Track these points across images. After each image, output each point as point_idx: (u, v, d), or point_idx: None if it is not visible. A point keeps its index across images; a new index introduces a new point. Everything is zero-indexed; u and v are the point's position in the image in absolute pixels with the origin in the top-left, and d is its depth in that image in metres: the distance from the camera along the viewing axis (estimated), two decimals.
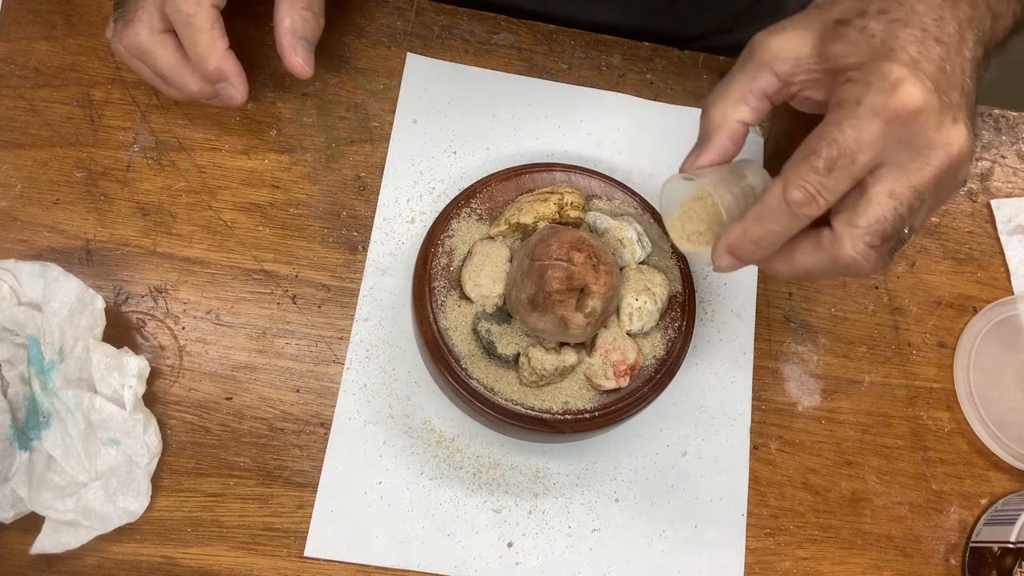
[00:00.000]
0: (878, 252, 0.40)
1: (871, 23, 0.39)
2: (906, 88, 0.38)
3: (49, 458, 0.49)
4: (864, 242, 0.39)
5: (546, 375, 0.49)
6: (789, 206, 0.39)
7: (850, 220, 0.39)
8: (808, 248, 0.41)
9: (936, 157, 0.38)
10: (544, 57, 0.62)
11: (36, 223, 0.54)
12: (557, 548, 0.53)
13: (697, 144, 0.45)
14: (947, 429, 0.59)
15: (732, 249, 0.42)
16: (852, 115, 0.38)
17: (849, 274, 0.41)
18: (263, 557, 0.51)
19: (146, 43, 0.50)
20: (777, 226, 0.40)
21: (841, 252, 0.40)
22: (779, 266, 0.43)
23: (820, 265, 0.41)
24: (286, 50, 0.51)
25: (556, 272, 0.47)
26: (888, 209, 0.39)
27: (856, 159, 0.38)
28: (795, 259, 0.42)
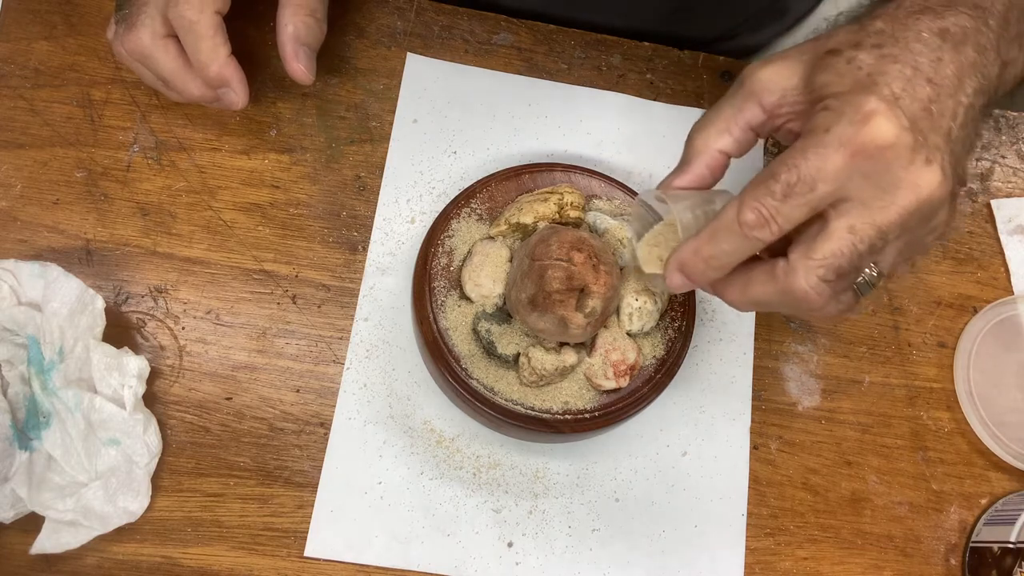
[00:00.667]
0: (832, 288, 0.38)
1: (861, 55, 0.38)
2: (877, 122, 0.36)
3: (49, 458, 0.49)
4: (818, 275, 0.38)
5: (546, 375, 0.49)
6: (741, 227, 0.38)
7: (806, 252, 0.38)
8: (762, 278, 0.40)
9: (903, 197, 0.37)
10: (544, 57, 0.62)
11: (36, 223, 0.54)
12: (557, 548, 0.53)
13: (677, 166, 0.44)
14: (947, 429, 0.59)
15: (682, 266, 0.41)
16: (818, 143, 0.37)
17: (803, 309, 0.40)
18: (263, 557, 0.51)
19: (148, 48, 0.50)
20: (728, 246, 0.39)
21: (794, 283, 0.38)
22: (733, 294, 0.42)
23: (773, 296, 0.40)
24: (288, 56, 0.51)
25: (556, 272, 0.47)
26: (846, 244, 0.37)
27: (815, 188, 0.37)
28: (749, 288, 0.41)
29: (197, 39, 0.49)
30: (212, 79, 0.50)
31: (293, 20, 0.51)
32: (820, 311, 0.40)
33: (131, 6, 0.50)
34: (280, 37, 0.51)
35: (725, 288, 0.42)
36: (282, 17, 0.51)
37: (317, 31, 0.52)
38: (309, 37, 0.52)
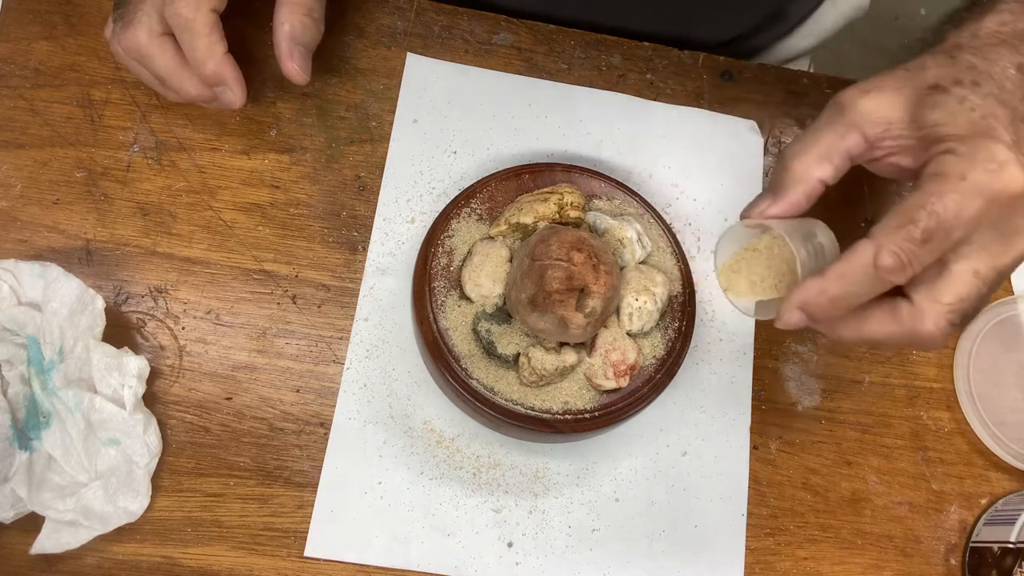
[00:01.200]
0: (957, 330, 0.40)
1: (970, 96, 0.39)
2: (1011, 171, 0.37)
3: (49, 458, 0.49)
4: (947, 319, 0.39)
5: (546, 375, 0.49)
6: (878, 270, 0.38)
7: (933, 296, 0.39)
8: (883, 318, 0.40)
9: (1020, 242, 0.39)
10: (544, 57, 0.62)
11: (36, 223, 0.54)
12: (557, 548, 0.53)
13: (769, 191, 0.43)
14: (947, 429, 0.59)
15: (805, 305, 0.41)
16: (955, 189, 0.37)
17: (921, 348, 0.41)
18: (263, 557, 0.51)
19: (145, 46, 0.50)
20: (859, 289, 0.39)
21: (922, 327, 0.39)
22: (846, 332, 0.42)
23: (894, 336, 0.40)
24: (284, 56, 0.51)
25: (556, 272, 0.47)
26: (973, 287, 0.39)
27: (952, 234, 0.38)
28: (866, 327, 0.41)
29: (193, 37, 0.49)
30: (208, 77, 0.50)
31: (290, 19, 0.51)
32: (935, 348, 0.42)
33: (128, 4, 0.50)
34: (276, 36, 0.51)
35: (839, 325, 0.42)
36: (279, 16, 0.51)
37: (314, 31, 0.52)
38: (305, 36, 0.52)
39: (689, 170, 0.61)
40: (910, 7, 1.75)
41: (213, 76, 0.50)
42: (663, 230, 0.55)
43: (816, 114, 0.57)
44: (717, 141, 0.62)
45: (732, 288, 0.45)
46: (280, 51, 0.51)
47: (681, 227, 0.60)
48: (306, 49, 0.52)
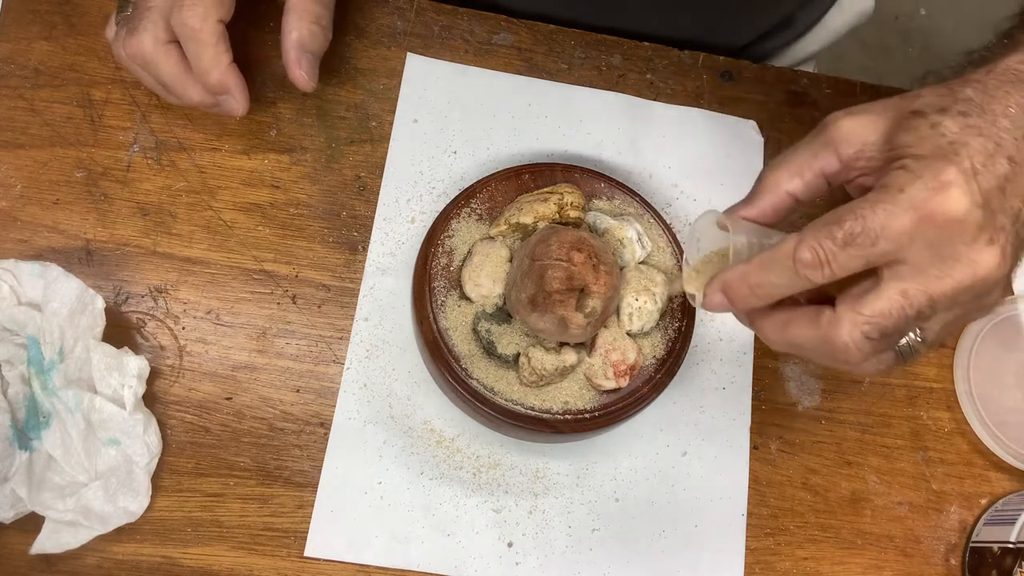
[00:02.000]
0: (873, 347, 0.38)
1: (946, 121, 0.38)
2: (952, 193, 0.36)
3: (49, 458, 0.49)
4: (862, 331, 0.38)
5: (546, 375, 0.49)
6: (795, 263, 0.38)
7: (854, 305, 0.38)
8: (804, 322, 0.40)
9: (959, 271, 0.37)
10: (544, 57, 0.62)
11: (36, 223, 0.54)
12: (557, 548, 0.53)
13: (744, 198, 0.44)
14: (947, 429, 0.59)
15: (727, 287, 0.41)
16: (889, 200, 0.37)
17: (839, 361, 0.40)
18: (263, 557, 0.51)
19: (150, 53, 0.50)
20: (777, 278, 0.39)
21: (836, 334, 0.38)
22: (771, 333, 0.42)
23: (811, 342, 0.40)
24: (291, 63, 0.52)
25: (556, 272, 0.47)
26: (896, 306, 0.37)
27: (876, 243, 0.37)
28: (789, 330, 0.41)
29: (199, 47, 0.49)
30: (213, 86, 0.51)
31: (298, 27, 0.51)
32: (855, 366, 0.40)
33: (134, 9, 0.50)
34: (284, 43, 0.51)
35: (764, 323, 0.42)
36: (287, 23, 0.51)
37: (321, 38, 0.52)
38: (313, 44, 0.52)
39: (689, 170, 0.61)
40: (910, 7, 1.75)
41: (218, 86, 0.51)
42: (663, 230, 0.55)
43: (815, 114, 0.57)
44: (717, 141, 0.62)
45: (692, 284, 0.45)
46: (288, 59, 0.51)
47: (681, 227, 0.60)
48: (314, 56, 0.52)
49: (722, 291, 0.42)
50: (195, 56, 0.50)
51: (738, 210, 0.44)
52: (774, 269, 0.40)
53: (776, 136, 0.63)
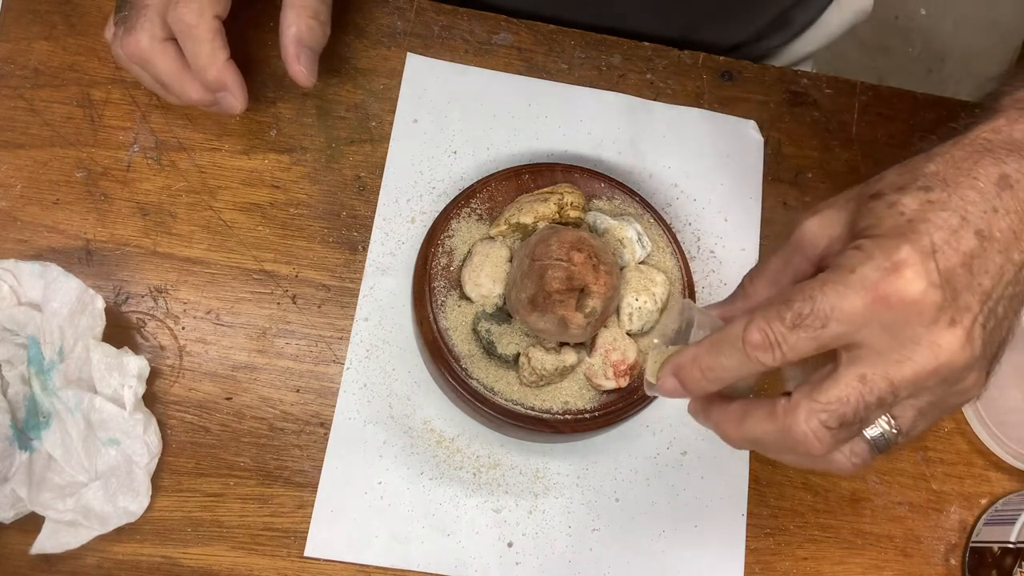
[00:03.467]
0: (834, 437, 0.36)
1: (904, 199, 0.36)
2: (905, 274, 0.34)
3: (49, 458, 0.49)
4: (820, 419, 0.36)
5: (546, 375, 0.49)
6: (745, 344, 0.36)
7: (810, 392, 0.36)
8: (760, 413, 0.38)
9: (921, 356, 0.34)
10: (544, 57, 0.62)
11: (36, 223, 0.54)
12: (557, 548, 0.53)
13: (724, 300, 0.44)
14: (947, 429, 0.59)
15: (678, 370, 0.39)
16: (839, 280, 0.35)
17: (803, 455, 0.37)
18: (263, 557, 0.51)
19: (147, 51, 0.50)
20: (728, 361, 0.37)
21: (793, 424, 0.36)
22: (728, 428, 0.40)
23: (770, 435, 0.38)
24: (290, 59, 0.51)
25: (556, 272, 0.47)
26: (854, 392, 0.35)
27: (828, 324, 0.35)
28: (745, 422, 0.39)
29: (196, 43, 0.49)
30: (211, 83, 0.50)
31: (297, 22, 0.51)
32: (825, 461, 0.38)
33: (130, 8, 0.50)
34: (283, 39, 0.51)
35: (721, 418, 0.40)
36: (285, 19, 0.51)
37: (320, 34, 0.52)
38: (312, 40, 0.52)
39: (689, 170, 0.61)
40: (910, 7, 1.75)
41: (216, 83, 0.50)
42: (663, 230, 0.55)
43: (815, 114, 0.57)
44: (717, 141, 0.62)
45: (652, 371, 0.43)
46: (287, 54, 0.51)
47: (681, 227, 0.60)
48: (313, 52, 0.52)
49: (674, 374, 0.40)
50: (192, 53, 0.49)
51: (718, 308, 0.43)
52: (724, 351, 0.37)
53: (776, 136, 0.63)
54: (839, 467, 0.38)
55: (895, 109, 0.62)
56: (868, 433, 0.38)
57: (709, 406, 0.41)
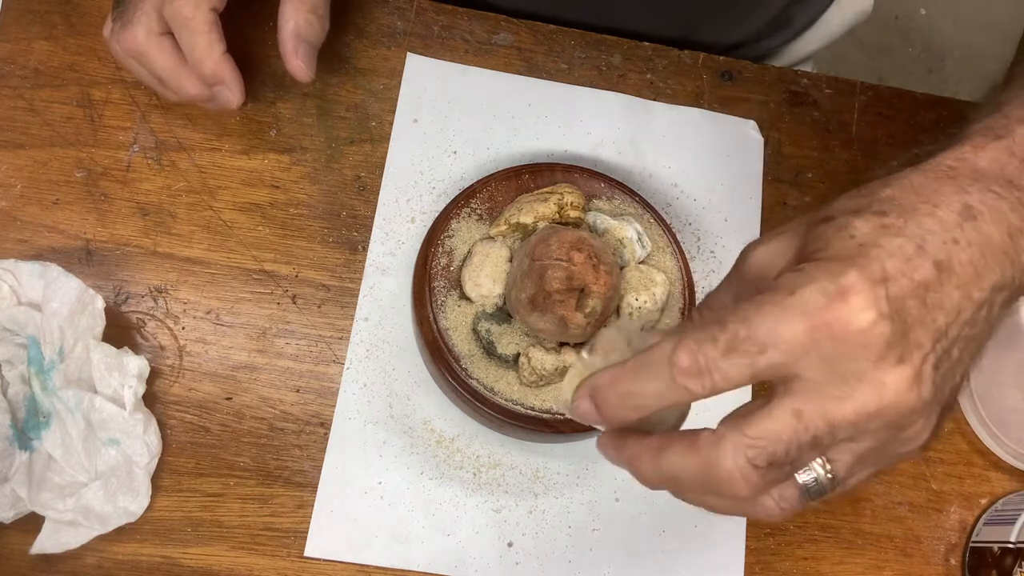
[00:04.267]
0: (762, 478, 0.32)
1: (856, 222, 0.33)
2: (853, 302, 0.30)
3: (49, 458, 0.49)
4: (747, 456, 0.32)
5: (546, 375, 0.49)
6: (672, 368, 0.32)
7: (738, 425, 0.32)
8: (680, 447, 0.34)
9: (862, 394, 0.31)
10: (544, 57, 0.62)
11: (36, 223, 0.54)
12: (557, 548, 0.53)
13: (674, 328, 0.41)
14: (947, 429, 0.59)
15: (594, 392, 0.35)
16: (777, 302, 0.31)
17: (727, 496, 0.33)
18: (263, 557, 0.51)
19: (143, 45, 0.49)
20: (652, 387, 0.33)
21: (717, 458, 0.32)
22: (643, 464, 0.35)
23: (690, 471, 0.33)
24: (288, 53, 0.51)
25: (556, 272, 0.47)
26: (787, 428, 0.31)
27: (765, 351, 0.31)
28: (663, 457, 0.34)
29: (192, 35, 0.49)
30: (207, 76, 0.50)
31: (295, 16, 0.51)
32: (751, 504, 0.34)
33: (127, 4, 0.50)
34: (281, 34, 0.51)
35: (636, 453, 0.36)
36: (283, 13, 0.51)
37: (319, 28, 0.52)
38: (311, 34, 0.51)
39: (689, 170, 0.61)
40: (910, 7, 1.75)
41: (212, 75, 0.50)
42: (663, 230, 0.55)
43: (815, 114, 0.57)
44: (717, 141, 0.62)
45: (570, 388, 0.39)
46: (285, 49, 0.51)
47: (681, 227, 0.60)
48: (311, 47, 0.52)
49: (589, 396, 0.36)
50: (188, 46, 0.49)
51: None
52: (648, 374, 0.33)
53: (776, 136, 0.63)
54: (767, 512, 0.34)
55: (895, 109, 0.62)
56: (800, 478, 0.34)
57: (624, 439, 0.36)
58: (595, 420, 0.36)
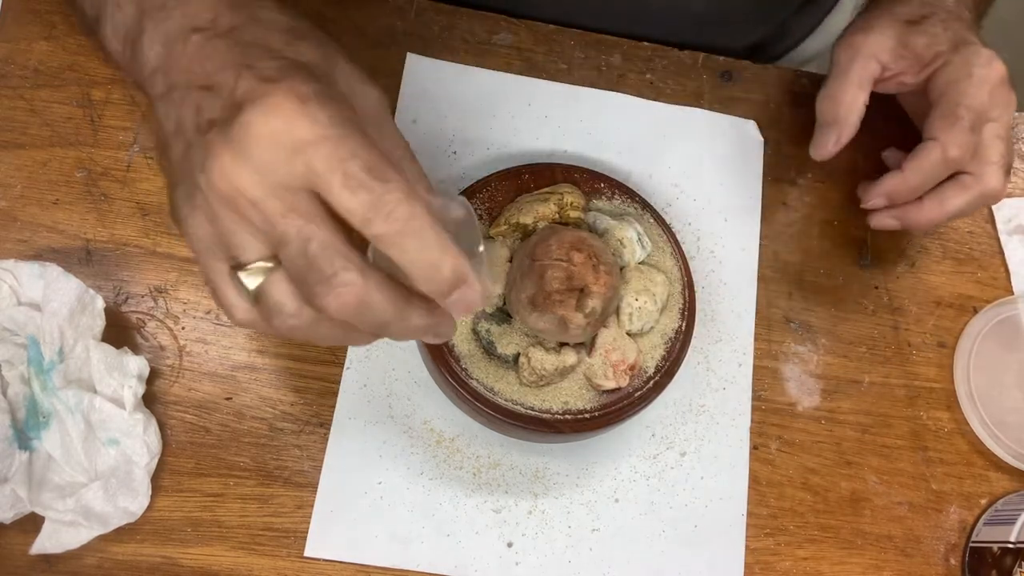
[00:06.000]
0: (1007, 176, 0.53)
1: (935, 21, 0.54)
2: (997, 64, 0.53)
3: (49, 458, 0.49)
4: (1003, 172, 0.53)
5: (546, 375, 0.49)
6: (948, 162, 0.52)
7: (985, 160, 0.52)
8: (956, 191, 0.53)
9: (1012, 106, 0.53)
10: (544, 57, 0.62)
11: (36, 223, 0.54)
12: (557, 548, 0.53)
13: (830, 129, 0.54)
14: (947, 429, 0.59)
15: (890, 193, 0.54)
16: (971, 85, 0.52)
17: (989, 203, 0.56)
18: (263, 557, 0.51)
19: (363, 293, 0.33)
20: (931, 177, 0.53)
21: (989, 184, 0.52)
22: (930, 214, 0.54)
23: (969, 202, 0.53)
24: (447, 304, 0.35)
25: (556, 272, 0.47)
26: (1003, 144, 0.52)
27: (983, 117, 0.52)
28: (946, 203, 0.53)
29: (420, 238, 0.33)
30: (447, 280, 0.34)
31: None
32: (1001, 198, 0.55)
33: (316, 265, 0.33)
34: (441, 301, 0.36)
35: (920, 213, 0.54)
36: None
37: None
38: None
39: (689, 170, 0.61)
40: None
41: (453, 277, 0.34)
42: (663, 230, 0.55)
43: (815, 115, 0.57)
44: (717, 141, 0.62)
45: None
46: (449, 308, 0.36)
47: (681, 227, 0.60)
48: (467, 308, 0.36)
49: (885, 195, 0.54)
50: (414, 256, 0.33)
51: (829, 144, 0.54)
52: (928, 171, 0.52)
53: (776, 136, 0.63)
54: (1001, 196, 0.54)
55: (895, 109, 0.62)
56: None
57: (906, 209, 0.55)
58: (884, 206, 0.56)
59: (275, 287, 0.35)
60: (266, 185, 0.33)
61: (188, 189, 0.35)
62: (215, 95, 0.34)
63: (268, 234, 0.33)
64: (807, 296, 0.60)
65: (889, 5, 0.56)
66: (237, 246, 0.34)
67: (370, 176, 0.32)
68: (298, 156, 0.32)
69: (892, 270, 0.62)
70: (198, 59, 0.36)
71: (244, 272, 0.35)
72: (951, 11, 0.55)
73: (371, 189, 0.32)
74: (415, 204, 0.33)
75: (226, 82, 0.34)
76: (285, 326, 0.35)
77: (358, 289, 0.33)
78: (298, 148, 0.32)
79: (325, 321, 0.35)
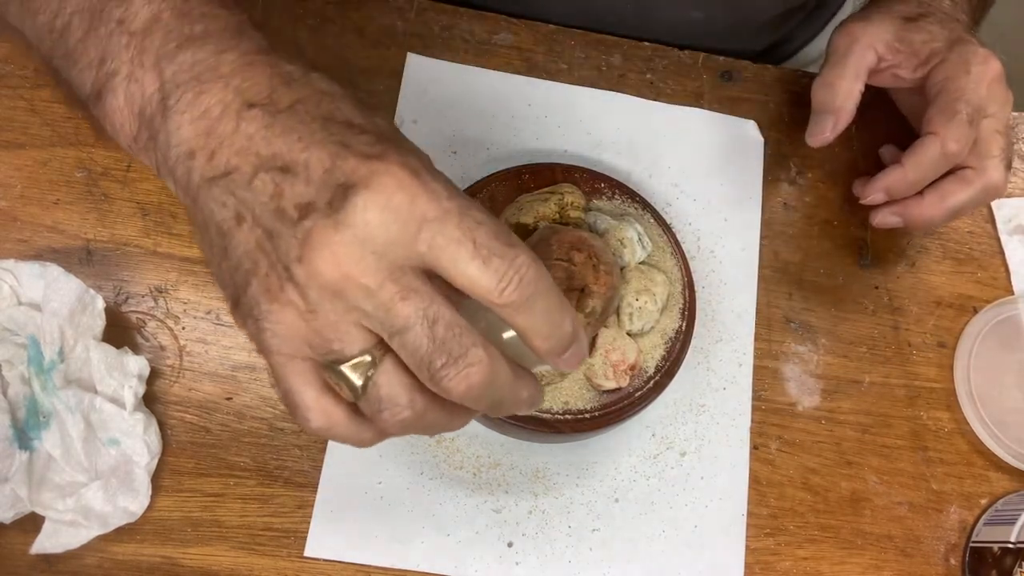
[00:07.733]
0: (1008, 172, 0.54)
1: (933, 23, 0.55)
2: (993, 61, 0.53)
3: (49, 458, 0.49)
4: (1004, 166, 0.53)
5: (546, 375, 0.49)
6: (947, 156, 0.52)
7: (986, 154, 0.53)
8: (958, 187, 0.53)
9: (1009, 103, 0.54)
10: (544, 57, 0.62)
11: (36, 223, 0.54)
12: (557, 548, 0.53)
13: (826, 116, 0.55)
14: (947, 429, 0.59)
15: (888, 187, 0.54)
16: (969, 81, 0.52)
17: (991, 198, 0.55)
18: (263, 557, 0.51)
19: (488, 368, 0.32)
20: (930, 172, 0.53)
21: (990, 178, 0.53)
22: (931, 210, 0.54)
23: (972, 197, 0.53)
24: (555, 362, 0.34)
25: (556, 272, 0.47)
26: (1003, 139, 0.53)
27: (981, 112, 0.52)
28: (948, 199, 0.53)
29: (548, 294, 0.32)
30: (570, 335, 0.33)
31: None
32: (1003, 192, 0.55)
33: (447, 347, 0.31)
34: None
35: (921, 209, 0.54)
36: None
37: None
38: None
39: (689, 170, 0.61)
40: None
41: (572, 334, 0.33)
42: (663, 230, 0.55)
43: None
44: (717, 141, 0.62)
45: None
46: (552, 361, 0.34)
47: (681, 227, 0.60)
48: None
49: (883, 191, 0.54)
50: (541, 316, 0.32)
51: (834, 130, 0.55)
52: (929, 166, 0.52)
53: (776, 136, 0.63)
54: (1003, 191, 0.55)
55: (895, 109, 0.62)
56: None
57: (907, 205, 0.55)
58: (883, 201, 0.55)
59: (388, 377, 0.32)
60: (383, 269, 0.30)
61: (270, 283, 0.31)
62: (297, 177, 0.31)
63: (383, 322, 0.31)
64: (807, 296, 0.60)
65: (888, 3, 0.57)
66: (339, 339, 0.31)
67: (500, 243, 0.31)
68: (422, 233, 0.30)
69: (892, 270, 0.62)
70: (264, 138, 0.32)
71: (348, 366, 0.31)
72: (948, 13, 0.56)
73: (503, 256, 0.31)
74: (539, 263, 0.32)
75: (317, 162, 0.31)
76: (395, 419, 0.32)
77: (486, 367, 0.31)
78: (422, 225, 0.30)
79: (435, 408, 0.33)
